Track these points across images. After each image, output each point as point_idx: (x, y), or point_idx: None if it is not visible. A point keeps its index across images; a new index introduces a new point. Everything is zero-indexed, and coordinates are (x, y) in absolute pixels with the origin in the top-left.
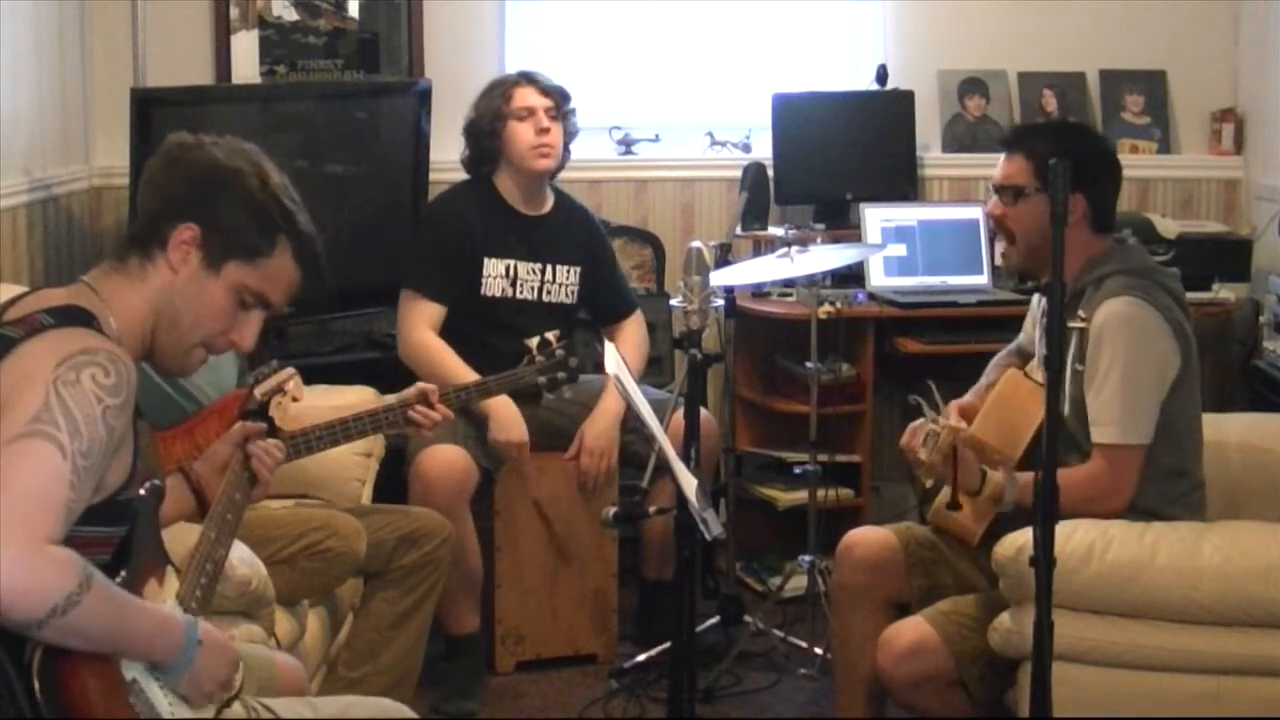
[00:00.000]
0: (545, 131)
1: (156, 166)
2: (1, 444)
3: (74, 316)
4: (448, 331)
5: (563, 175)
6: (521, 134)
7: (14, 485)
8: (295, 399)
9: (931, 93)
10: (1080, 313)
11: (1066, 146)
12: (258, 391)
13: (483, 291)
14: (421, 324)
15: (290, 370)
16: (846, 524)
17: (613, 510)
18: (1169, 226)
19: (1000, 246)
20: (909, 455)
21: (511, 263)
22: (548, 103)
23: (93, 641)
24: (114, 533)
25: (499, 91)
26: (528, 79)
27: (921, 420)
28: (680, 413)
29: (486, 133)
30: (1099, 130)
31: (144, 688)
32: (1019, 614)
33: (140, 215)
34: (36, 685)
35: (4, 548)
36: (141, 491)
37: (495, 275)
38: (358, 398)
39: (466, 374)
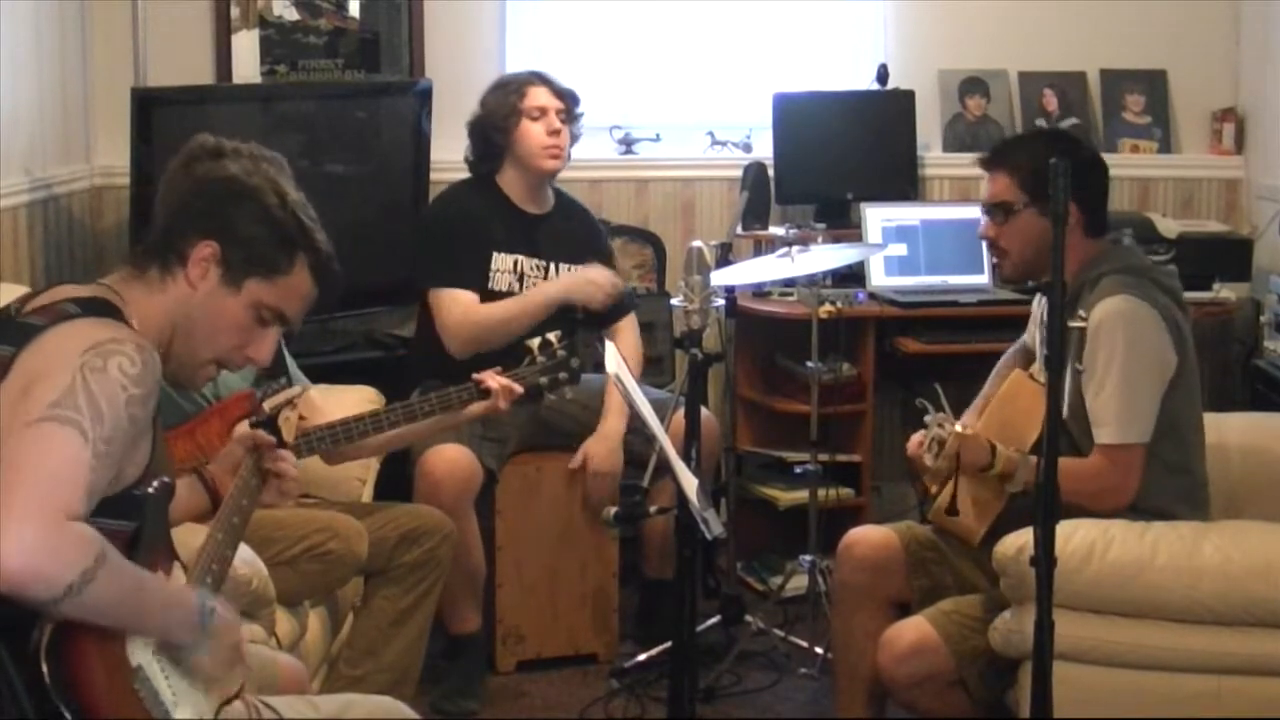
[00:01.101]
0: (556, 133)
1: (178, 169)
2: (24, 426)
3: (100, 308)
4: None
5: (563, 175)
6: (533, 133)
7: (34, 467)
8: (303, 417)
9: (932, 92)
10: (1080, 312)
11: (1049, 154)
12: (267, 405)
13: (490, 286)
14: (462, 308)
15: (299, 389)
16: (847, 523)
17: (613, 510)
18: (1169, 226)
19: (993, 259)
20: (916, 463)
21: (518, 259)
22: (559, 104)
23: (109, 617)
24: (124, 526)
25: (513, 88)
26: (540, 79)
27: (926, 429)
28: (681, 412)
29: (498, 129)
30: (1076, 135)
31: (149, 675)
32: (1020, 613)
33: (157, 224)
34: (45, 668)
35: (23, 528)
36: (151, 488)
37: (503, 270)
38: (358, 397)
39: (523, 308)
